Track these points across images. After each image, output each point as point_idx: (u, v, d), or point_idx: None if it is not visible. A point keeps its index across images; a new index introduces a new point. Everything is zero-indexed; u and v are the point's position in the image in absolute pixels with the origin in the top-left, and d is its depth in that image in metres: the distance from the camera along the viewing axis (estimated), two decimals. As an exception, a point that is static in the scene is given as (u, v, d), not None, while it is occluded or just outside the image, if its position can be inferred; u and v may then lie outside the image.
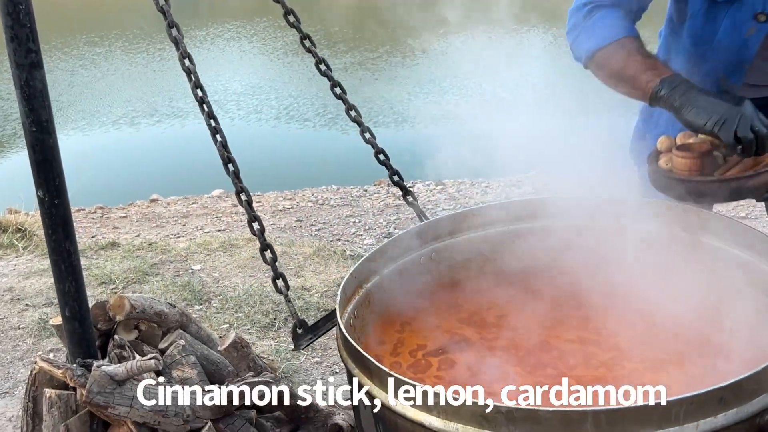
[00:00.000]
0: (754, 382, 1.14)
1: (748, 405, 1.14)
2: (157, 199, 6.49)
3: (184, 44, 1.73)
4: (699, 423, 1.11)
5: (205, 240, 4.55)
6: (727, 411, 1.13)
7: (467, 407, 1.14)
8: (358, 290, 1.67)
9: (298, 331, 1.66)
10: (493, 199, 5.60)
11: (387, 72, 11.89)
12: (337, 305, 1.50)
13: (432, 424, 1.18)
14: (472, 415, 1.14)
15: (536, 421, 1.10)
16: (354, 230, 4.94)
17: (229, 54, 14.29)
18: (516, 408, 1.11)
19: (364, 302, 1.68)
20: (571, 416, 1.09)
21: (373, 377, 1.29)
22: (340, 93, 2.08)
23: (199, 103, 1.75)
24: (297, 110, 9.94)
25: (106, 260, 4.23)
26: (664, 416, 1.09)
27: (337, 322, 1.44)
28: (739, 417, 1.13)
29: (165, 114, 10.28)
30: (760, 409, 1.15)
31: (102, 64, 13.75)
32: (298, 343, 1.67)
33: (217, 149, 1.74)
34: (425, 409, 1.19)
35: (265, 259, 1.74)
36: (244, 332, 3.25)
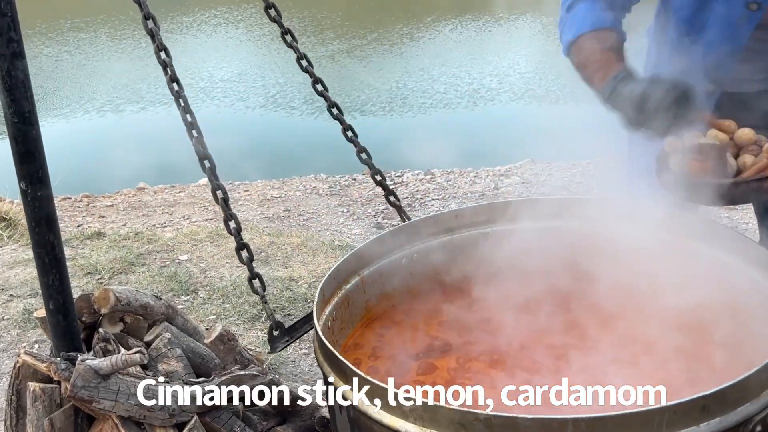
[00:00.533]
0: (738, 391, 1.12)
1: (732, 414, 1.12)
2: (144, 187, 6.43)
3: (160, 36, 1.69)
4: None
5: (192, 230, 4.52)
6: (710, 420, 1.11)
7: (444, 414, 1.12)
8: (337, 291, 1.64)
9: (275, 333, 1.64)
10: (482, 189, 5.60)
11: (375, 60, 11.83)
12: (314, 307, 1.47)
13: (408, 431, 1.16)
14: (449, 422, 1.12)
15: (515, 429, 1.08)
16: (342, 220, 4.93)
17: (216, 40, 14.16)
18: (494, 415, 1.08)
19: (343, 304, 1.65)
20: (550, 424, 1.07)
21: (349, 382, 1.27)
22: (322, 90, 2.05)
23: (175, 97, 1.72)
24: (285, 97, 9.87)
25: (92, 250, 4.19)
26: (645, 424, 1.07)
27: (314, 325, 1.42)
28: (723, 426, 1.12)
29: (152, 101, 10.18)
30: (744, 418, 1.13)
31: (87, 50, 13.58)
32: (274, 346, 1.65)
33: (193, 145, 1.70)
34: (401, 415, 1.17)
35: (242, 259, 1.71)
36: (231, 323, 3.23)
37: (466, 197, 5.37)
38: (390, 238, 1.78)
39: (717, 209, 4.57)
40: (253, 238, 4.29)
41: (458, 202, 5.28)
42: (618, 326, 1.69)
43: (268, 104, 9.80)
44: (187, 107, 1.73)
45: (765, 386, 1.16)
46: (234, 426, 2.12)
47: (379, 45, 12.51)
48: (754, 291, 1.55)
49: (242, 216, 5.08)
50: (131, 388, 1.98)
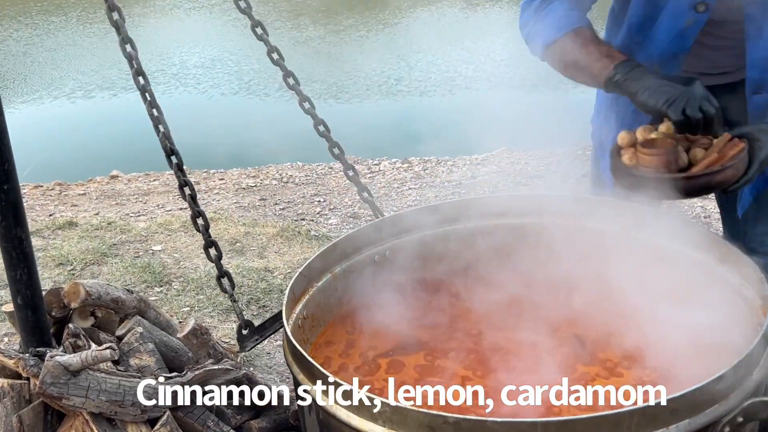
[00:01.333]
0: (706, 393, 1.13)
1: (701, 416, 1.13)
2: (118, 175, 6.34)
3: (125, 29, 1.65)
4: (650, 436, 1.10)
5: (166, 219, 4.46)
6: (679, 422, 1.11)
7: (413, 416, 1.11)
8: (308, 289, 1.62)
9: (244, 332, 1.62)
10: (459, 178, 5.60)
11: (351, 46, 11.75)
12: (284, 306, 1.46)
13: None
14: (418, 425, 1.11)
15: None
16: (319, 210, 4.90)
17: (189, 25, 13.97)
18: (464, 418, 1.08)
19: (314, 301, 1.64)
20: (520, 427, 1.06)
21: (317, 383, 1.26)
22: (294, 84, 2.02)
23: (141, 91, 1.68)
24: (260, 84, 9.76)
25: (64, 240, 4.12)
26: (614, 427, 1.08)
27: (283, 325, 1.40)
28: (692, 428, 1.12)
29: (126, 87, 10.03)
30: (712, 420, 1.14)
31: (58, 35, 13.33)
32: (243, 345, 1.62)
33: (160, 140, 1.67)
34: (370, 418, 1.16)
35: (209, 256, 1.69)
36: (206, 315, 3.21)
37: (443, 186, 5.37)
38: (361, 234, 1.77)
39: (690, 200, 4.62)
40: (228, 228, 4.25)
41: (435, 191, 5.27)
42: (590, 323, 1.70)
43: (243, 91, 9.70)
44: (154, 102, 1.69)
45: (733, 388, 1.17)
46: (207, 421, 2.10)
47: (355, 31, 12.42)
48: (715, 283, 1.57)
49: (217, 205, 5.03)
50: (102, 384, 1.95)
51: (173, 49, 11.72)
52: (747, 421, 1.16)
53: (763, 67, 1.68)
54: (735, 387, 1.18)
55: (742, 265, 1.51)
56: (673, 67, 1.78)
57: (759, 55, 1.67)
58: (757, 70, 1.69)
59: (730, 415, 1.15)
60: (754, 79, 1.70)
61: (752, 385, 1.21)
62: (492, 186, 5.27)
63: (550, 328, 1.70)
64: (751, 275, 1.47)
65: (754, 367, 1.23)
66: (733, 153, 1.51)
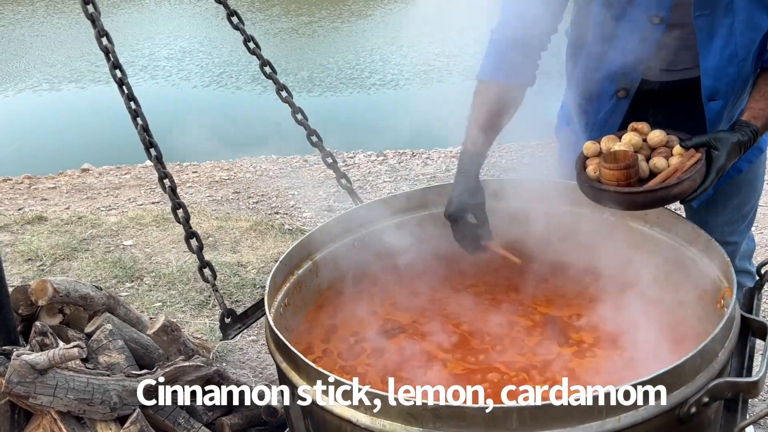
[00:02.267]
0: (674, 376, 1.16)
1: (669, 397, 1.17)
2: (89, 168, 6.25)
3: (101, 22, 1.63)
4: (620, 417, 1.13)
5: (138, 213, 4.42)
6: (647, 404, 1.15)
7: (394, 404, 1.13)
8: (289, 277, 1.63)
9: (227, 321, 1.62)
10: (433, 171, 5.61)
11: (325, 38, 11.69)
12: (266, 295, 1.46)
13: (359, 421, 1.17)
14: (399, 412, 1.13)
15: (462, 419, 1.10)
16: (293, 203, 4.88)
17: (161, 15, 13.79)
18: (442, 405, 1.10)
19: (295, 289, 1.65)
20: (495, 413, 1.09)
21: (300, 371, 1.27)
22: (270, 73, 2.01)
23: (118, 84, 1.66)
24: (234, 75, 9.68)
25: (33, 235, 4.07)
26: (586, 411, 1.11)
27: (266, 314, 1.41)
28: (660, 409, 1.16)
29: (96, 79, 9.89)
30: (679, 401, 1.18)
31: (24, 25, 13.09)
32: (226, 333, 1.63)
33: (138, 133, 1.65)
34: (352, 405, 1.17)
35: (191, 248, 1.68)
36: (178, 311, 3.18)
37: (418, 180, 5.38)
38: (342, 221, 1.78)
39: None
40: (200, 222, 4.22)
41: (410, 185, 5.28)
42: (565, 306, 1.73)
43: (217, 83, 9.61)
44: (131, 94, 1.68)
45: (699, 370, 1.21)
46: (178, 418, 2.09)
47: (328, 23, 12.36)
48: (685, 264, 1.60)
49: (190, 199, 4.99)
50: (70, 383, 1.93)
51: (143, 41, 11.57)
52: (713, 400, 1.20)
53: (715, 76, 1.71)
54: (701, 368, 1.21)
55: (709, 249, 1.55)
56: (635, 73, 1.80)
57: (711, 65, 1.69)
58: (710, 78, 1.72)
59: (697, 395, 1.18)
60: (708, 86, 1.73)
61: (717, 367, 1.25)
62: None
63: (526, 310, 1.73)
64: (717, 258, 1.51)
65: (719, 348, 1.26)
66: (690, 164, 1.53)
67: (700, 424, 1.25)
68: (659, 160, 1.58)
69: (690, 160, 1.54)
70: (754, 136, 1.62)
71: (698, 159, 1.54)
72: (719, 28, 1.65)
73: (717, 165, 1.55)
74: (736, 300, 1.37)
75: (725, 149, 1.57)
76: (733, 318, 1.33)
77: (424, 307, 1.78)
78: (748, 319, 1.41)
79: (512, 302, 1.77)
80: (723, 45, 1.67)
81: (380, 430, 1.15)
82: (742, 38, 1.66)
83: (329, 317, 1.73)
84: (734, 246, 2.07)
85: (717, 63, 1.68)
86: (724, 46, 1.67)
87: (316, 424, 1.27)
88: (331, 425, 1.22)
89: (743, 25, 1.64)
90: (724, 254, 1.48)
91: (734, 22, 1.64)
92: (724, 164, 1.56)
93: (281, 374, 1.35)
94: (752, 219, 2.10)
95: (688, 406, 1.19)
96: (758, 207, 2.12)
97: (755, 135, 1.62)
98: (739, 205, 2.01)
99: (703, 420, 1.25)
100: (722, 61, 1.69)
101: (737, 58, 1.68)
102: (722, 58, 1.68)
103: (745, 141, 1.60)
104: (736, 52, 1.67)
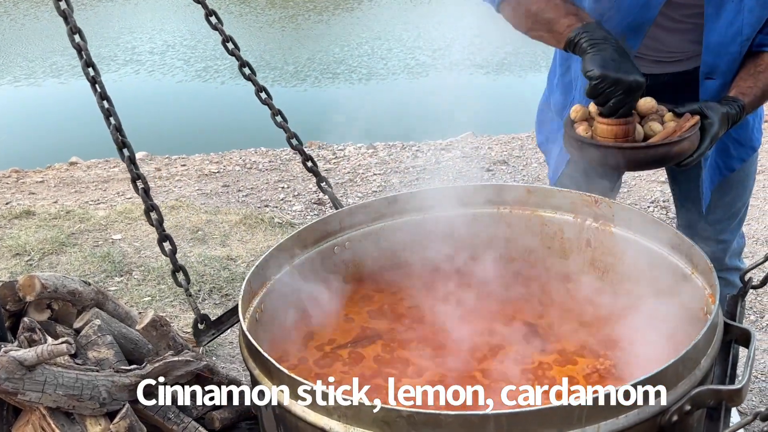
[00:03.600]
0: (655, 383, 1.15)
1: (650, 406, 1.15)
2: (77, 162, 6.21)
3: (73, 18, 1.60)
4: (600, 425, 1.11)
5: (126, 207, 4.39)
6: (628, 412, 1.13)
7: (367, 412, 1.11)
8: (265, 283, 1.61)
9: (200, 327, 1.60)
10: (423, 163, 5.61)
11: (311, 30, 11.63)
12: (240, 301, 1.44)
13: (332, 429, 1.16)
14: (373, 420, 1.12)
15: (438, 425, 1.08)
16: (283, 196, 4.87)
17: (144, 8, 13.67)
18: (417, 412, 1.08)
19: (272, 294, 1.62)
20: (471, 420, 1.07)
21: (273, 378, 1.25)
22: (249, 74, 1.98)
23: (91, 83, 1.63)
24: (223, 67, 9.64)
25: (21, 230, 4.04)
26: (566, 418, 1.09)
27: (239, 319, 1.39)
28: (641, 418, 1.14)
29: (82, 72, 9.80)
30: (661, 409, 1.16)
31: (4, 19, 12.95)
32: (200, 339, 1.61)
33: (111, 133, 1.62)
34: (326, 413, 1.16)
35: (164, 251, 1.66)
36: (167, 305, 3.17)
37: (408, 172, 5.37)
38: (319, 226, 1.76)
39: (649, 186, 4.69)
40: (189, 216, 4.20)
41: (400, 177, 5.28)
42: (546, 313, 1.72)
43: (206, 75, 9.56)
44: (104, 93, 1.64)
45: (681, 377, 1.19)
46: (168, 413, 2.09)
47: (315, 14, 12.30)
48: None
49: (179, 192, 4.97)
50: (59, 379, 1.92)
51: (127, 34, 11.48)
52: (695, 408, 1.18)
53: (717, 51, 1.70)
54: (683, 376, 1.20)
55: (692, 255, 1.54)
56: (635, 39, 1.78)
57: (714, 40, 1.69)
58: (711, 54, 1.71)
59: (679, 403, 1.17)
60: (708, 62, 1.72)
61: (700, 374, 1.23)
62: (456, 172, 5.29)
63: (506, 317, 1.72)
64: (700, 264, 1.50)
65: (702, 356, 1.25)
66: (689, 125, 1.55)
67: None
68: (655, 124, 1.59)
69: (688, 122, 1.55)
70: (741, 111, 1.63)
71: (696, 121, 1.55)
72: (728, 3, 1.64)
73: (711, 132, 1.57)
74: (719, 306, 1.35)
75: (717, 117, 1.58)
76: (715, 325, 1.32)
77: (404, 314, 1.76)
78: (731, 326, 1.40)
79: (491, 309, 1.75)
80: (729, 22, 1.66)
81: (354, 438, 1.14)
82: (750, 16, 1.65)
83: (305, 324, 1.71)
84: (725, 244, 2.08)
85: (721, 39, 1.68)
86: (731, 23, 1.66)
87: (289, 431, 1.26)
88: (304, 433, 1.21)
89: (753, 2, 1.64)
90: (707, 260, 1.47)
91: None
92: (717, 131, 1.58)
93: (254, 381, 1.33)
94: (743, 217, 2.11)
95: (670, 414, 1.17)
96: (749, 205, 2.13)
97: (742, 110, 1.63)
98: (731, 203, 2.02)
99: (685, 428, 1.23)
100: (726, 38, 1.68)
101: (741, 36, 1.67)
102: (726, 35, 1.68)
103: (733, 114, 1.61)
104: (741, 29, 1.67)
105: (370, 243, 1.78)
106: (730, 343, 1.42)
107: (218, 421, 2.23)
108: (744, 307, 1.60)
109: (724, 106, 1.61)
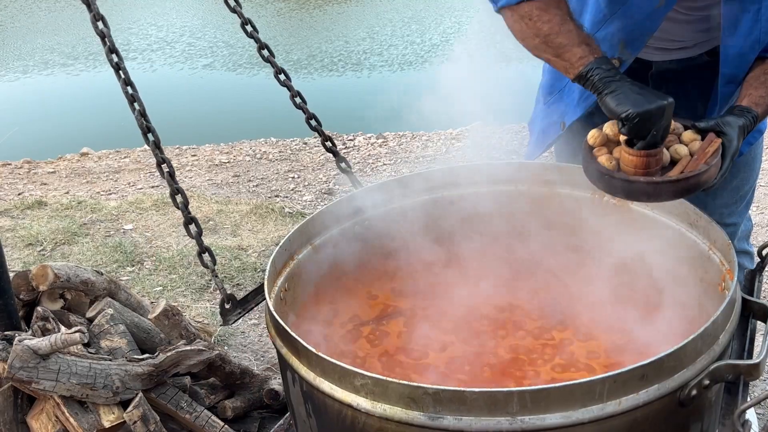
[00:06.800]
0: (675, 359, 1.16)
1: (669, 381, 1.16)
2: (88, 152, 6.23)
3: (96, 5, 1.61)
4: (621, 400, 1.13)
5: (138, 197, 4.41)
6: (648, 387, 1.15)
7: (394, 388, 1.13)
8: (289, 262, 1.62)
9: (227, 306, 1.62)
10: (433, 153, 5.59)
11: (324, 18, 11.60)
12: (266, 280, 1.46)
13: (360, 405, 1.17)
14: (399, 397, 1.13)
15: (462, 402, 1.10)
16: (293, 186, 4.87)
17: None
18: (443, 389, 1.10)
19: (295, 274, 1.64)
20: (496, 396, 1.09)
21: (301, 357, 1.27)
22: (268, 56, 1.99)
23: (115, 69, 1.64)
24: (233, 57, 9.63)
25: (33, 220, 4.06)
26: (587, 394, 1.11)
27: (266, 299, 1.41)
28: (660, 393, 1.16)
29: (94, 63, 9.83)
30: (680, 384, 1.18)
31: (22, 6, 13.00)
32: (226, 319, 1.62)
33: (136, 118, 1.64)
34: (353, 390, 1.18)
35: (190, 233, 1.67)
36: (179, 294, 3.19)
37: (418, 162, 5.37)
38: (340, 206, 1.77)
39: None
40: (200, 206, 4.21)
41: (410, 167, 5.27)
42: (567, 289, 1.73)
43: (216, 65, 9.56)
44: (128, 79, 1.65)
45: (700, 353, 1.21)
46: (180, 401, 2.10)
47: (326, 3, 12.26)
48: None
49: (190, 182, 4.98)
50: (72, 367, 1.94)
51: (141, 23, 11.49)
52: (713, 383, 1.20)
53: (737, 63, 1.67)
54: (702, 351, 1.21)
55: (710, 231, 1.54)
56: (636, 46, 1.76)
57: (733, 52, 1.66)
58: (730, 66, 1.68)
59: (698, 378, 1.19)
60: (726, 74, 1.69)
61: (718, 349, 1.24)
62: (466, 161, 5.28)
63: (527, 293, 1.73)
64: (718, 240, 1.51)
65: (720, 331, 1.26)
66: (713, 150, 1.49)
67: (700, 407, 1.25)
68: (680, 147, 1.53)
69: (711, 146, 1.50)
70: (754, 122, 1.61)
71: (719, 145, 1.50)
72: (745, 13, 1.62)
73: (731, 150, 1.53)
74: (737, 282, 1.36)
75: (735, 133, 1.55)
76: (734, 300, 1.33)
77: (426, 292, 1.78)
78: (749, 302, 1.41)
79: (513, 286, 1.77)
80: (747, 32, 1.63)
81: (381, 414, 1.16)
82: (767, 24, 1.63)
83: (329, 302, 1.73)
84: (733, 227, 2.07)
85: (739, 50, 1.65)
86: (749, 33, 1.63)
87: (317, 408, 1.27)
88: (331, 410, 1.23)
89: None
90: (725, 236, 1.48)
91: (761, 7, 1.60)
92: (737, 149, 1.55)
93: (282, 360, 1.35)
94: (750, 200, 2.10)
95: (689, 389, 1.19)
96: (756, 188, 2.11)
97: (755, 121, 1.61)
98: (738, 186, 2.01)
99: (704, 402, 1.25)
100: (744, 49, 1.65)
101: (760, 44, 1.64)
102: (745, 46, 1.64)
103: (748, 125, 1.59)
104: (759, 38, 1.63)
105: (391, 221, 1.78)
106: (748, 317, 1.43)
107: (230, 410, 2.25)
108: (761, 281, 1.61)
109: (739, 118, 1.57)
